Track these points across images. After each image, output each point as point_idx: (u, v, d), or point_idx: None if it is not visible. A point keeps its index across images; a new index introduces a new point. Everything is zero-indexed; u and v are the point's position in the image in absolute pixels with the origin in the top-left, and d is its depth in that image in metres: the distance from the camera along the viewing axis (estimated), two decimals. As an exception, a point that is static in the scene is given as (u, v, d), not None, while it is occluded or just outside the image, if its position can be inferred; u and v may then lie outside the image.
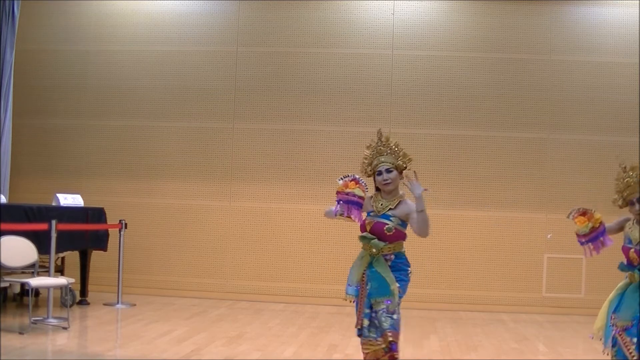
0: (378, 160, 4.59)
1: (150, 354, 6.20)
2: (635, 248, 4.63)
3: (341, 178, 4.52)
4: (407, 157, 4.64)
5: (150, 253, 10.13)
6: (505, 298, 9.65)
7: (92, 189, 10.09)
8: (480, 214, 9.83)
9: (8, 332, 6.82)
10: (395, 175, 4.56)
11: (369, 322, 4.45)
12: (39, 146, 10.50)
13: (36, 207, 8.03)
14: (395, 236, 4.50)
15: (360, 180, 4.52)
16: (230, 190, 10.15)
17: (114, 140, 10.38)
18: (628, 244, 4.69)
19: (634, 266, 4.63)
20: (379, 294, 4.42)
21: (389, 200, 4.55)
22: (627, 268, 4.69)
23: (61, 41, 10.55)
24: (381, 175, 4.55)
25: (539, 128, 9.87)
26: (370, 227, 4.51)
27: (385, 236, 4.47)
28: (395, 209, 4.51)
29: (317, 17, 10.17)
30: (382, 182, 4.54)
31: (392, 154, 4.61)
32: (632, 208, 4.72)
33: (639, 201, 4.67)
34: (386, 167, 4.56)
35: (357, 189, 4.46)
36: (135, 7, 10.47)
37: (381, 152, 4.62)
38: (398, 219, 4.50)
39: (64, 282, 7.46)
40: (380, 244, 4.45)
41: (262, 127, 10.16)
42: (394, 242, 4.51)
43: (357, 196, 4.44)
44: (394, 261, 4.51)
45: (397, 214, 4.50)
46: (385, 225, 4.47)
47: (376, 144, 4.67)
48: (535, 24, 9.94)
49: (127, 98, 10.38)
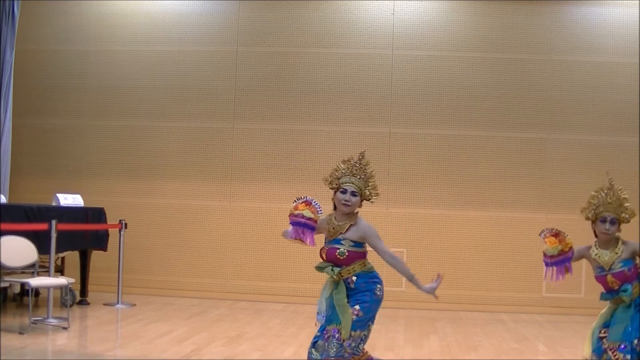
0: (348, 179, 4.46)
1: (150, 354, 6.20)
2: (610, 273, 4.52)
3: (295, 200, 4.45)
4: (376, 191, 4.55)
5: (150, 253, 10.13)
6: (505, 298, 9.65)
7: (92, 189, 10.09)
8: (480, 214, 9.83)
9: (8, 332, 6.82)
10: (357, 201, 4.46)
11: (314, 343, 4.40)
12: (39, 146, 10.50)
13: (36, 207, 8.02)
14: (350, 258, 4.41)
15: (314, 202, 4.41)
16: (230, 190, 10.15)
17: (114, 140, 10.38)
18: (601, 272, 4.58)
19: (615, 291, 4.54)
20: (329, 322, 4.39)
21: (340, 224, 4.45)
22: (609, 296, 4.59)
23: (61, 41, 10.55)
24: (345, 194, 4.42)
25: (539, 128, 9.87)
26: (324, 254, 4.46)
27: (339, 261, 4.40)
28: (345, 232, 4.42)
29: (317, 17, 10.17)
30: (342, 200, 4.42)
31: (363, 181, 4.50)
32: (601, 225, 4.57)
33: (611, 222, 4.55)
34: (352, 190, 4.44)
35: (307, 210, 4.36)
36: (135, 7, 10.47)
37: (355, 173, 4.50)
38: (349, 241, 4.40)
39: (64, 282, 7.46)
40: (332, 271, 4.39)
41: (262, 127, 10.16)
42: (352, 264, 4.42)
43: (305, 217, 4.34)
44: (356, 282, 4.42)
45: (348, 237, 4.41)
46: (336, 250, 4.40)
47: (354, 162, 4.53)
48: (535, 24, 9.94)
49: (127, 98, 10.38)
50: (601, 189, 4.68)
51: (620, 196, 4.62)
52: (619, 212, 4.58)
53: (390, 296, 9.70)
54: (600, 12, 9.90)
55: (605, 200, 4.61)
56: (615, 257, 4.56)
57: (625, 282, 4.52)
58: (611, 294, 4.58)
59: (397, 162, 9.91)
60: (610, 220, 4.56)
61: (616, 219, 4.57)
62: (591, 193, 4.70)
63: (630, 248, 4.58)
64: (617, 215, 4.58)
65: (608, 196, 4.62)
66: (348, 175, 4.48)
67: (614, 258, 4.55)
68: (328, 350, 4.33)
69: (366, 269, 4.46)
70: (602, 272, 4.58)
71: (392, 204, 9.84)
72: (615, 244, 4.60)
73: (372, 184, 4.54)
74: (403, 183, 9.86)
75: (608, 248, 4.59)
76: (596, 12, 9.92)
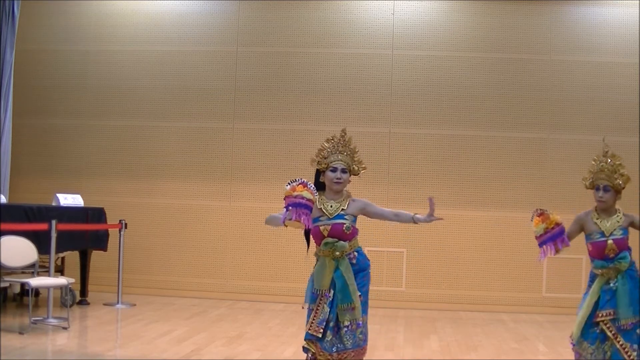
0: (336, 157, 4.52)
1: (150, 354, 6.20)
2: (612, 239, 4.55)
3: (288, 183, 4.43)
4: (362, 165, 4.61)
5: (150, 253, 10.13)
6: (505, 298, 9.65)
7: (92, 189, 10.09)
8: (480, 214, 9.83)
9: (8, 332, 6.82)
10: (347, 178, 4.52)
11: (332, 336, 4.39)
12: (39, 146, 10.50)
13: (36, 207, 8.02)
14: (353, 233, 4.51)
15: (309, 184, 4.41)
16: (230, 190, 10.15)
17: (114, 140, 10.38)
18: (601, 237, 4.59)
19: (611, 259, 4.55)
20: (342, 300, 4.39)
21: (338, 201, 4.51)
22: (605, 263, 4.57)
23: (61, 41, 10.55)
24: (335, 173, 4.48)
25: (539, 128, 9.87)
26: (327, 232, 4.46)
27: (345, 236, 4.46)
28: (347, 208, 4.49)
29: (317, 17, 10.17)
30: (334, 179, 4.48)
31: (350, 156, 4.56)
32: (596, 193, 4.67)
33: (605, 189, 4.61)
34: (342, 167, 4.50)
35: (306, 192, 4.35)
36: (135, 7, 10.47)
37: (341, 150, 4.56)
38: (352, 216, 4.50)
39: (64, 282, 7.46)
40: (345, 245, 4.44)
41: (262, 127, 10.16)
42: (352, 239, 4.51)
43: (305, 199, 4.32)
44: (357, 258, 4.51)
45: (350, 212, 4.49)
46: (343, 225, 4.45)
47: (338, 140, 4.59)
48: (535, 24, 9.94)
49: (127, 98, 10.38)
50: (597, 158, 4.73)
51: (615, 163, 4.65)
52: (612, 179, 4.62)
53: (391, 296, 9.79)
54: (600, 12, 9.90)
55: (600, 168, 4.68)
56: (617, 224, 4.60)
57: (623, 249, 4.56)
58: (606, 262, 4.57)
59: (397, 162, 9.91)
60: (604, 187, 4.63)
61: (609, 186, 4.62)
62: (590, 162, 4.76)
63: (629, 219, 4.65)
64: (611, 183, 4.62)
65: (601, 163, 4.69)
66: (335, 153, 4.54)
67: (615, 225, 4.59)
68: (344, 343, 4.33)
69: (360, 246, 4.59)
70: (601, 237, 4.59)
71: (392, 204, 9.83)
72: (615, 212, 4.66)
73: (357, 159, 4.60)
74: (403, 183, 9.86)
75: (608, 216, 4.64)
76: (596, 12, 9.92)
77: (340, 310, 4.39)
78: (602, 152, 4.74)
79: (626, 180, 4.65)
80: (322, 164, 4.54)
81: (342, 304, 4.38)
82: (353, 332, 4.36)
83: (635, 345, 4.41)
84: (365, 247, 9.45)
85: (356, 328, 4.37)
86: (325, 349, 4.37)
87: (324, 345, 4.37)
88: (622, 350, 4.40)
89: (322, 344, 4.39)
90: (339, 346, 4.33)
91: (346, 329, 4.35)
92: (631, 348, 4.40)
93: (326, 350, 4.37)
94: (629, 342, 4.42)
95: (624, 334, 4.44)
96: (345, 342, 4.34)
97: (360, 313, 4.38)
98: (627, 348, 4.40)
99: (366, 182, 9.73)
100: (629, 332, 4.44)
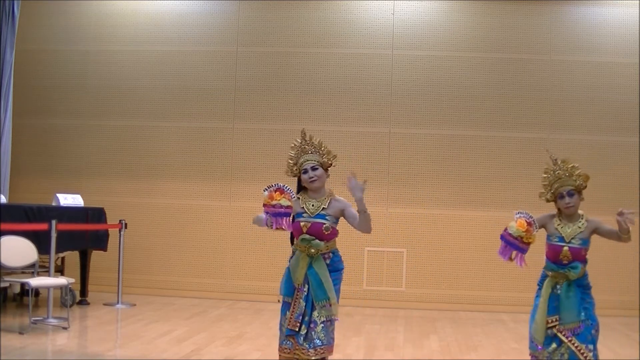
0: (303, 158, 4.56)
1: (150, 354, 6.20)
2: (568, 246, 4.51)
3: (266, 189, 4.47)
4: (332, 154, 4.59)
5: (150, 253, 10.13)
6: (505, 298, 9.65)
7: (92, 189, 10.09)
8: (480, 214, 9.83)
9: (8, 332, 6.82)
10: (322, 173, 4.53)
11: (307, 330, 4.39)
12: (39, 146, 10.50)
13: (36, 207, 8.03)
14: (332, 234, 4.50)
15: (286, 187, 4.44)
16: (230, 190, 10.16)
17: (114, 140, 10.38)
18: (559, 241, 4.55)
19: (563, 265, 4.52)
20: (318, 297, 4.40)
21: (319, 200, 4.52)
22: (556, 267, 4.56)
23: (61, 41, 10.56)
24: (307, 174, 4.51)
25: (539, 128, 9.87)
26: (306, 228, 4.47)
27: (323, 236, 4.45)
28: (328, 208, 4.49)
29: (317, 17, 10.17)
30: (308, 180, 4.50)
31: (316, 152, 4.57)
32: (561, 202, 4.58)
33: (569, 194, 4.55)
34: (311, 165, 4.51)
35: (283, 199, 4.39)
36: (135, 7, 10.47)
37: (305, 150, 4.58)
38: (333, 217, 4.49)
39: (64, 282, 7.46)
40: (320, 244, 4.44)
41: (262, 127, 10.16)
42: (330, 240, 4.51)
43: (284, 207, 4.37)
44: (332, 259, 4.50)
45: (331, 212, 4.48)
46: (322, 225, 4.45)
47: (300, 144, 4.62)
48: (535, 24, 9.95)
49: (127, 98, 10.38)
50: (547, 168, 4.69)
51: (567, 167, 4.62)
52: (573, 183, 4.58)
53: (391, 296, 9.79)
54: (600, 12, 9.91)
55: (556, 177, 4.62)
56: (578, 231, 4.55)
57: (577, 259, 4.51)
58: (557, 266, 4.56)
59: (397, 162, 9.91)
60: (568, 193, 4.56)
61: (573, 190, 4.57)
62: (542, 176, 4.70)
63: (592, 226, 4.56)
64: (573, 186, 4.58)
65: (556, 172, 4.63)
66: (301, 156, 4.58)
67: (576, 232, 4.55)
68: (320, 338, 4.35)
69: (336, 248, 4.57)
70: (560, 241, 4.55)
71: (392, 204, 9.84)
72: (579, 217, 4.60)
73: (324, 150, 4.60)
74: (403, 183, 9.86)
75: (571, 221, 4.59)
76: (596, 12, 9.92)
77: (317, 306, 4.41)
78: (552, 162, 4.66)
79: (586, 179, 4.60)
80: (294, 171, 4.60)
81: (318, 300, 4.40)
82: (327, 328, 4.39)
83: (591, 345, 4.41)
84: (366, 247, 9.53)
85: (330, 325, 4.41)
86: (300, 344, 4.40)
87: (299, 339, 4.41)
88: (577, 352, 4.40)
89: (298, 337, 4.41)
90: (315, 342, 4.34)
91: (322, 325, 4.38)
92: (586, 349, 4.39)
93: (300, 345, 4.39)
94: (584, 344, 4.40)
95: (578, 335, 4.43)
96: (322, 338, 4.36)
97: (337, 310, 4.41)
98: (583, 349, 4.39)
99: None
100: (582, 333, 4.43)
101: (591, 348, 4.40)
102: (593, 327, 4.47)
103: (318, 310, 4.41)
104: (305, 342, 4.38)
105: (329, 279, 4.43)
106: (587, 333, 4.43)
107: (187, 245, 10.12)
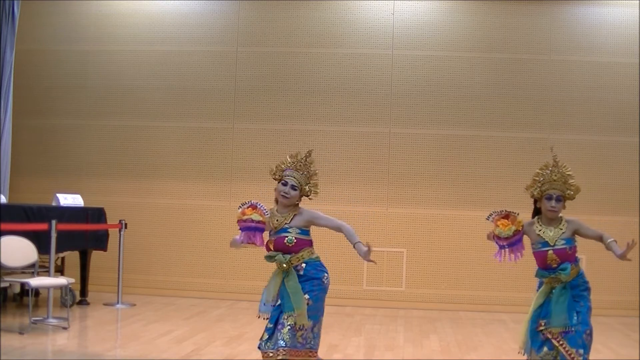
0: (291, 172, 4.60)
1: (150, 354, 6.20)
2: (553, 249, 4.51)
3: (240, 206, 4.55)
4: (316, 188, 4.64)
5: (150, 253, 10.13)
6: (505, 298, 9.65)
7: (92, 189, 10.09)
8: (480, 214, 9.72)
9: (8, 332, 6.82)
10: (296, 195, 4.57)
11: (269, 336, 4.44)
12: (39, 146, 10.50)
13: (36, 207, 8.03)
14: (298, 245, 4.52)
15: (259, 205, 4.53)
16: (230, 190, 10.15)
17: (114, 140, 10.38)
18: (543, 247, 4.55)
19: (553, 269, 4.52)
20: (286, 308, 4.45)
21: (283, 215, 4.57)
22: (546, 273, 4.56)
23: (61, 41, 10.55)
24: (285, 187, 4.56)
25: (539, 128, 9.87)
26: (272, 245, 4.55)
27: (288, 248, 4.50)
28: (291, 222, 4.53)
29: (317, 17, 10.17)
30: (281, 192, 4.56)
31: (306, 177, 4.62)
32: (547, 202, 4.58)
33: (557, 199, 4.55)
34: (293, 183, 4.56)
35: (255, 214, 4.48)
36: (135, 7, 10.47)
37: (298, 168, 4.62)
38: (296, 229, 4.52)
39: (64, 282, 7.46)
40: (283, 258, 4.49)
41: (262, 127, 10.16)
42: (300, 251, 4.53)
43: (255, 221, 4.46)
44: (305, 269, 4.52)
45: (294, 224, 4.53)
46: (284, 238, 4.50)
47: (299, 159, 4.66)
48: (535, 24, 9.94)
49: (127, 98, 10.38)
50: (545, 166, 4.70)
51: (565, 173, 4.62)
52: (564, 189, 4.59)
53: (391, 296, 9.79)
54: (600, 12, 9.90)
55: (551, 178, 4.63)
56: (559, 233, 4.55)
57: (565, 260, 4.51)
58: (548, 271, 4.55)
59: (397, 162, 9.91)
60: (556, 197, 4.57)
61: (562, 196, 4.57)
62: (536, 171, 4.71)
63: (572, 226, 4.57)
64: (563, 192, 4.58)
65: (553, 173, 4.64)
66: (291, 169, 4.62)
67: (558, 234, 4.55)
68: (279, 340, 4.38)
69: (313, 257, 4.58)
70: (544, 247, 4.55)
71: (392, 204, 9.84)
72: (559, 220, 4.60)
73: (314, 182, 4.64)
74: (403, 183, 9.86)
75: (551, 225, 4.59)
76: (596, 12, 9.92)
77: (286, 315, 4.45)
78: (553, 161, 4.66)
79: (576, 191, 4.60)
80: (277, 174, 4.64)
81: (286, 311, 4.44)
82: (294, 332, 4.40)
83: (582, 349, 4.39)
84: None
85: (298, 330, 4.41)
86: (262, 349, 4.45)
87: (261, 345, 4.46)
88: (567, 356, 4.39)
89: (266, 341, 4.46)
90: (279, 343, 4.36)
91: (289, 327, 4.40)
92: (577, 353, 4.38)
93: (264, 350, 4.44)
94: (574, 348, 4.39)
95: (569, 339, 4.42)
96: (287, 340, 4.37)
97: (305, 318, 4.40)
98: (573, 354, 4.38)
99: (366, 182, 9.75)
100: (573, 337, 4.42)
101: (581, 352, 4.39)
102: (585, 332, 4.44)
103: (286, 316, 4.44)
104: (269, 343, 4.42)
105: (299, 290, 4.45)
106: (578, 337, 4.42)
107: (187, 245, 10.12)
